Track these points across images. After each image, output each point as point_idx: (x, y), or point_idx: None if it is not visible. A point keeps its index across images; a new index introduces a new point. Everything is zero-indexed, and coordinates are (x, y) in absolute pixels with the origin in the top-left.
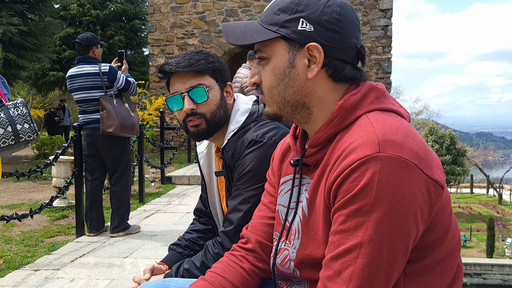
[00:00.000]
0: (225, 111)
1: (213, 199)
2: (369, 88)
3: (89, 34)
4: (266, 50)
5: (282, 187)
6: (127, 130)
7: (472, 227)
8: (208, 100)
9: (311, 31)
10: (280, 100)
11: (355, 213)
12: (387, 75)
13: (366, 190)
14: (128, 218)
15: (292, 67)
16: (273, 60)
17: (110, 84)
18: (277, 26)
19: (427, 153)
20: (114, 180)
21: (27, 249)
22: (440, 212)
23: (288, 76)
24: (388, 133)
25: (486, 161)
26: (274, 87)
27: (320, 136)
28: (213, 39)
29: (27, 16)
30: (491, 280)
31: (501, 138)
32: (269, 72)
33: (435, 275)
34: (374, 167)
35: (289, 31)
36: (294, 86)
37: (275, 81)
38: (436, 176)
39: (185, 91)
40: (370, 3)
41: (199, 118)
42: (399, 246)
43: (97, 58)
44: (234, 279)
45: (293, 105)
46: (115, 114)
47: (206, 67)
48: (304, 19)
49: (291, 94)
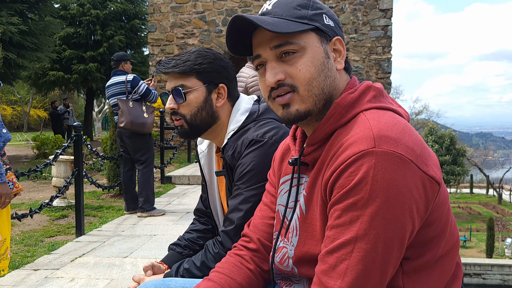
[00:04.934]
0: (211, 113)
1: (213, 199)
2: (367, 87)
3: (121, 52)
4: (298, 42)
5: (281, 187)
6: (138, 127)
7: (472, 227)
8: (188, 102)
9: (333, 26)
10: (318, 93)
11: (350, 208)
12: (387, 75)
13: (361, 185)
14: (153, 203)
15: (328, 57)
16: (309, 52)
17: (132, 90)
18: (306, 19)
19: (423, 149)
20: (138, 169)
21: (27, 248)
22: (438, 209)
23: (327, 67)
24: (384, 129)
25: (486, 161)
26: (315, 78)
27: (318, 134)
28: (213, 39)
29: (27, 15)
30: (491, 280)
31: (501, 138)
32: (308, 63)
33: (434, 273)
34: (369, 162)
35: (319, 24)
36: (331, 76)
37: (315, 72)
38: (432, 172)
39: (170, 90)
40: (370, 3)
41: (180, 119)
42: (394, 241)
43: (125, 71)
44: (242, 280)
45: (326, 98)
46: (127, 113)
47: (191, 69)
48: (325, 15)
49: (328, 85)
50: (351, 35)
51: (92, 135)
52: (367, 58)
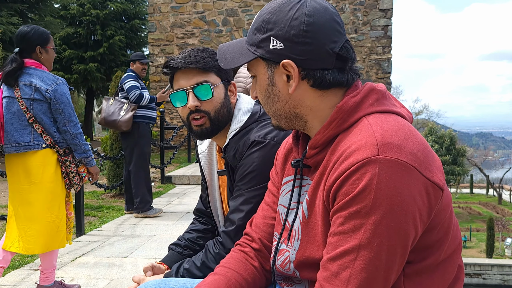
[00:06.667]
0: (229, 110)
1: (214, 199)
2: (369, 90)
3: (136, 53)
4: (252, 69)
5: (283, 187)
6: (110, 125)
7: (472, 227)
8: (213, 98)
9: (281, 48)
10: (273, 114)
11: (354, 215)
12: (387, 75)
13: (365, 193)
14: (149, 202)
15: (272, 84)
16: (258, 79)
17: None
18: (254, 47)
19: (427, 154)
20: (129, 170)
21: None
22: (440, 214)
23: (271, 93)
24: (387, 136)
25: (486, 161)
26: (265, 104)
27: (320, 138)
28: (213, 39)
29: (27, 15)
30: (491, 280)
31: (501, 138)
32: (258, 90)
33: (435, 276)
34: (373, 169)
35: (263, 51)
36: (280, 102)
37: (263, 98)
38: (435, 178)
39: (190, 87)
40: (370, 3)
41: (203, 116)
42: (398, 248)
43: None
44: (248, 276)
45: (286, 117)
46: (103, 110)
47: (212, 65)
48: (273, 37)
49: (279, 108)
50: (351, 35)
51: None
52: (367, 58)
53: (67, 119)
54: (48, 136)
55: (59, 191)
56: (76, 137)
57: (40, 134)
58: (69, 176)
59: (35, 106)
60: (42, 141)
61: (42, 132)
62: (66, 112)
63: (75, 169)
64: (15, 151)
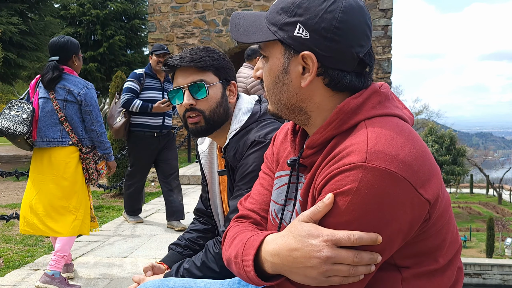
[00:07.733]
0: (226, 109)
1: (214, 199)
2: (372, 92)
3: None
4: (266, 49)
5: (275, 181)
6: (110, 127)
7: (471, 227)
8: (208, 97)
9: (306, 38)
10: (276, 102)
11: (329, 213)
12: (387, 75)
13: (343, 195)
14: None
15: (285, 72)
16: (270, 62)
17: None
18: (276, 28)
19: (423, 163)
20: None
21: (26, 248)
22: (438, 222)
23: (282, 81)
24: (381, 143)
25: (486, 161)
26: (271, 89)
27: (318, 138)
28: (213, 39)
29: (27, 15)
30: (491, 280)
31: (501, 138)
32: (266, 72)
33: (435, 280)
34: (356, 175)
35: (285, 35)
36: (288, 92)
37: (270, 83)
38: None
39: (186, 85)
40: (370, 3)
41: (198, 115)
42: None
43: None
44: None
45: (289, 108)
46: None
47: (210, 64)
48: (301, 24)
49: (286, 98)
50: None
51: None
52: None
53: (95, 120)
54: (74, 135)
55: (78, 185)
56: (101, 136)
57: (67, 132)
58: (89, 172)
59: (67, 106)
60: (68, 139)
61: (70, 131)
62: (94, 113)
63: (94, 166)
64: (45, 145)
